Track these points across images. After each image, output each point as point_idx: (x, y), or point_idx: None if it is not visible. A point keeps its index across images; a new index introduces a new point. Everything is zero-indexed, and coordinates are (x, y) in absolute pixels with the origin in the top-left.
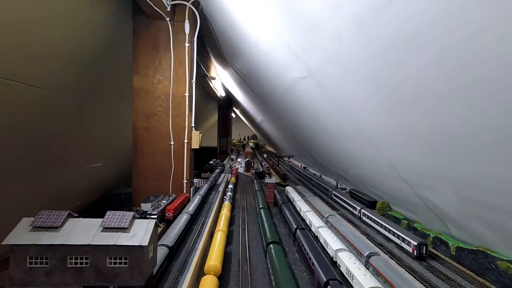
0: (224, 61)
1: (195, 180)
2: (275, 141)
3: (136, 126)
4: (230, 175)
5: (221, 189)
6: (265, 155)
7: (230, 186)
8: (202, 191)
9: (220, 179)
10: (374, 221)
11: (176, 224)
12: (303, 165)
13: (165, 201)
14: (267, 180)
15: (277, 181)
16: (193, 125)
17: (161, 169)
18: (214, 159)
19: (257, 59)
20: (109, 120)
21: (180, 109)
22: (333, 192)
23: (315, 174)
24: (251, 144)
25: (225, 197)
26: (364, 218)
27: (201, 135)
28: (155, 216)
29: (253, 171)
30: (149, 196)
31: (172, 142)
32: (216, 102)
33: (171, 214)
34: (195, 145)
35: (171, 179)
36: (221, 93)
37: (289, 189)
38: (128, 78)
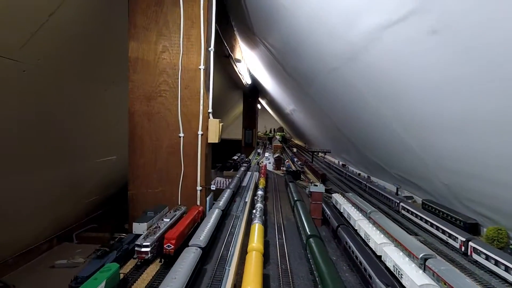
0: (253, 38)
1: (217, 179)
2: (306, 134)
3: (133, 112)
4: (257, 173)
5: (248, 198)
6: (294, 149)
7: (260, 192)
8: (222, 203)
9: (245, 180)
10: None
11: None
12: (341, 162)
13: (168, 219)
14: (312, 188)
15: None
16: (210, 110)
17: (167, 171)
18: (239, 154)
19: (298, 25)
20: (122, 108)
21: (193, 88)
22: (401, 204)
23: (359, 174)
24: (277, 137)
25: (254, 211)
26: (479, 258)
27: (221, 124)
28: (148, 250)
29: (284, 168)
30: (148, 209)
31: (181, 134)
32: (241, 91)
33: (172, 247)
34: (213, 138)
35: (180, 185)
36: (247, 80)
37: (337, 197)
38: None
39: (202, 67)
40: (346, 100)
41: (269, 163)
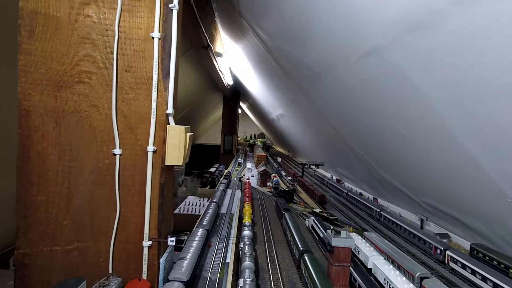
0: (239, 24)
1: (189, 200)
2: (291, 142)
3: (26, 108)
4: (240, 193)
5: (230, 246)
6: (279, 159)
7: (246, 233)
8: (186, 266)
9: (225, 202)
10: None
11: None
12: (335, 177)
13: None
14: (334, 241)
15: (315, 210)
16: (170, 111)
17: (90, 214)
18: (217, 165)
19: (307, 4)
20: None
21: (139, 71)
22: (449, 254)
23: (361, 193)
24: (259, 144)
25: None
26: None
27: (190, 134)
28: None
29: (271, 184)
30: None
31: (117, 151)
32: (221, 94)
33: None
34: (176, 157)
35: (113, 238)
36: (228, 80)
37: (357, 241)
38: None
39: (157, 35)
40: (362, 105)
41: (252, 176)
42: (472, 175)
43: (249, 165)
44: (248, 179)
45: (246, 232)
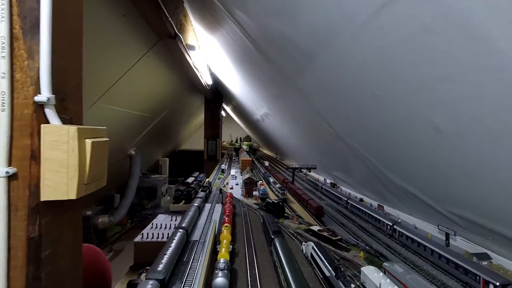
0: (215, 11)
1: (157, 222)
2: (279, 144)
3: None
4: (220, 208)
5: None
6: (266, 163)
7: (219, 282)
8: None
9: (200, 225)
10: None
11: None
12: (329, 181)
13: None
14: None
15: (312, 228)
16: (46, 96)
17: None
18: (197, 173)
19: None
20: None
21: None
22: None
23: (361, 200)
24: (244, 147)
25: None
26: None
27: (96, 142)
28: None
29: (258, 194)
30: None
31: None
32: (202, 96)
33: None
34: (60, 189)
35: None
36: (207, 79)
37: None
38: None
39: None
40: (371, 89)
41: (237, 184)
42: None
43: (233, 171)
44: (231, 188)
45: (219, 281)
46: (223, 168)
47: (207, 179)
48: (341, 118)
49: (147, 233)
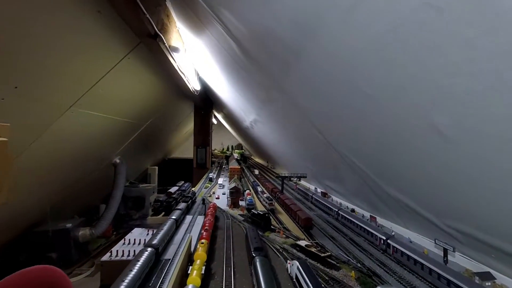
0: (201, 13)
1: (131, 237)
2: (269, 151)
3: None
4: (202, 219)
5: None
6: (256, 171)
7: None
8: None
9: (175, 243)
10: None
11: None
12: (320, 190)
13: None
14: None
15: (299, 243)
16: None
17: None
18: (181, 182)
19: None
20: None
21: None
22: None
23: (353, 210)
24: (236, 155)
25: None
26: None
27: None
28: None
29: (244, 204)
30: None
31: None
32: (191, 103)
33: None
34: None
35: None
36: (194, 85)
37: None
38: None
39: None
40: (364, 85)
41: (224, 194)
42: None
43: (221, 180)
44: (217, 198)
45: None
46: (211, 176)
47: (192, 189)
48: (330, 122)
49: (117, 251)
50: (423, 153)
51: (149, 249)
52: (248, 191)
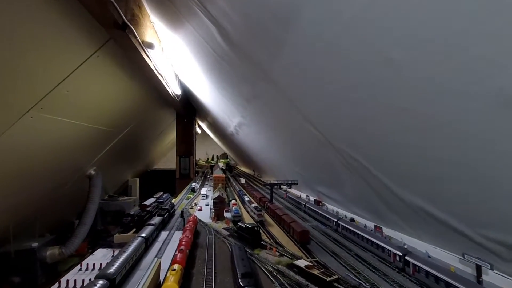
0: (181, 2)
1: (97, 255)
2: (254, 158)
3: None
4: (178, 235)
5: None
6: (242, 180)
7: None
8: None
9: (142, 269)
10: None
11: None
12: (313, 198)
13: None
14: None
15: (297, 263)
16: None
17: None
18: (160, 193)
19: None
20: None
21: None
22: None
23: (352, 219)
24: (221, 165)
25: None
26: None
27: None
28: None
29: (229, 216)
30: None
31: None
32: (173, 110)
33: None
34: None
35: None
36: (174, 89)
37: None
38: None
39: None
40: (377, 70)
41: (207, 205)
42: None
43: (204, 190)
44: (200, 209)
45: None
46: (193, 186)
47: (173, 200)
48: (328, 115)
49: (67, 281)
50: (446, 147)
51: (101, 281)
52: (234, 201)
